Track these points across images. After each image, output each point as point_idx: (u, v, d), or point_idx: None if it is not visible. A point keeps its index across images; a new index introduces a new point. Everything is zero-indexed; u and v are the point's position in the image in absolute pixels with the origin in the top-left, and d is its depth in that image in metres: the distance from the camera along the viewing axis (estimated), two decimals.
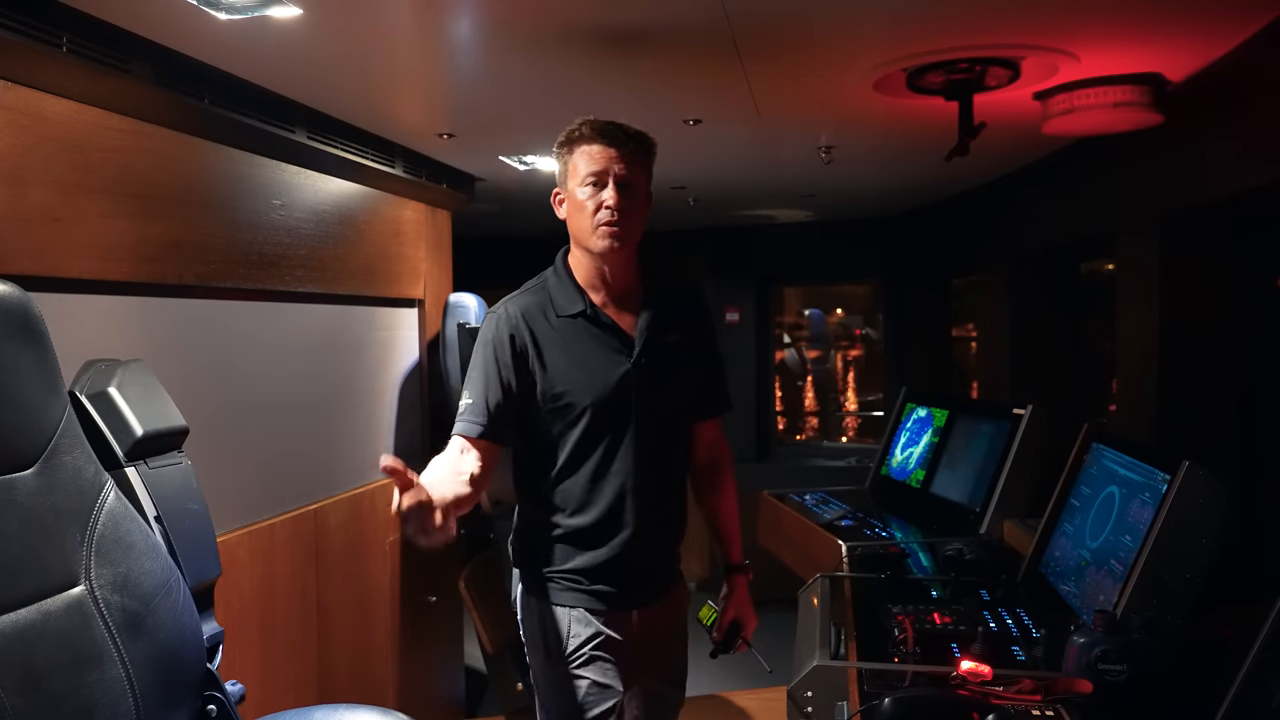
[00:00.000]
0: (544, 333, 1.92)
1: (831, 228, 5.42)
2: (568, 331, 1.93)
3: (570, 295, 1.94)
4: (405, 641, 3.19)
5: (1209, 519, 1.80)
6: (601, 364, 1.92)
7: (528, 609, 2.01)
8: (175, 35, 1.91)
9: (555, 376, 1.90)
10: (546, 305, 1.94)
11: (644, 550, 1.96)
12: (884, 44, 2.06)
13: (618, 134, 1.86)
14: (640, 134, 1.90)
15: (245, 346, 2.43)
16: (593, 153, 1.86)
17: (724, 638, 2.16)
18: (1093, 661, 1.65)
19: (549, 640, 1.95)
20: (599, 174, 1.85)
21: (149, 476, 1.64)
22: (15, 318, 1.39)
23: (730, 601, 2.16)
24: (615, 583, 1.94)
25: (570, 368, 1.90)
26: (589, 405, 1.89)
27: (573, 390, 1.89)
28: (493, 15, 1.87)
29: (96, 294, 1.94)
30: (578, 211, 1.89)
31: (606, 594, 1.94)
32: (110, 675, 1.38)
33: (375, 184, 3.03)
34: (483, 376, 1.90)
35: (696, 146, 3.07)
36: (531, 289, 1.99)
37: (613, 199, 1.84)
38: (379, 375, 3.18)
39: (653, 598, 2.02)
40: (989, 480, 3.02)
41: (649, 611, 2.00)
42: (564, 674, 1.94)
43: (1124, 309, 2.86)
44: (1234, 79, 2.13)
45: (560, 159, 1.93)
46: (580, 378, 1.90)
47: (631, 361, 1.92)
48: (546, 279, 1.99)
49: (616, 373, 1.91)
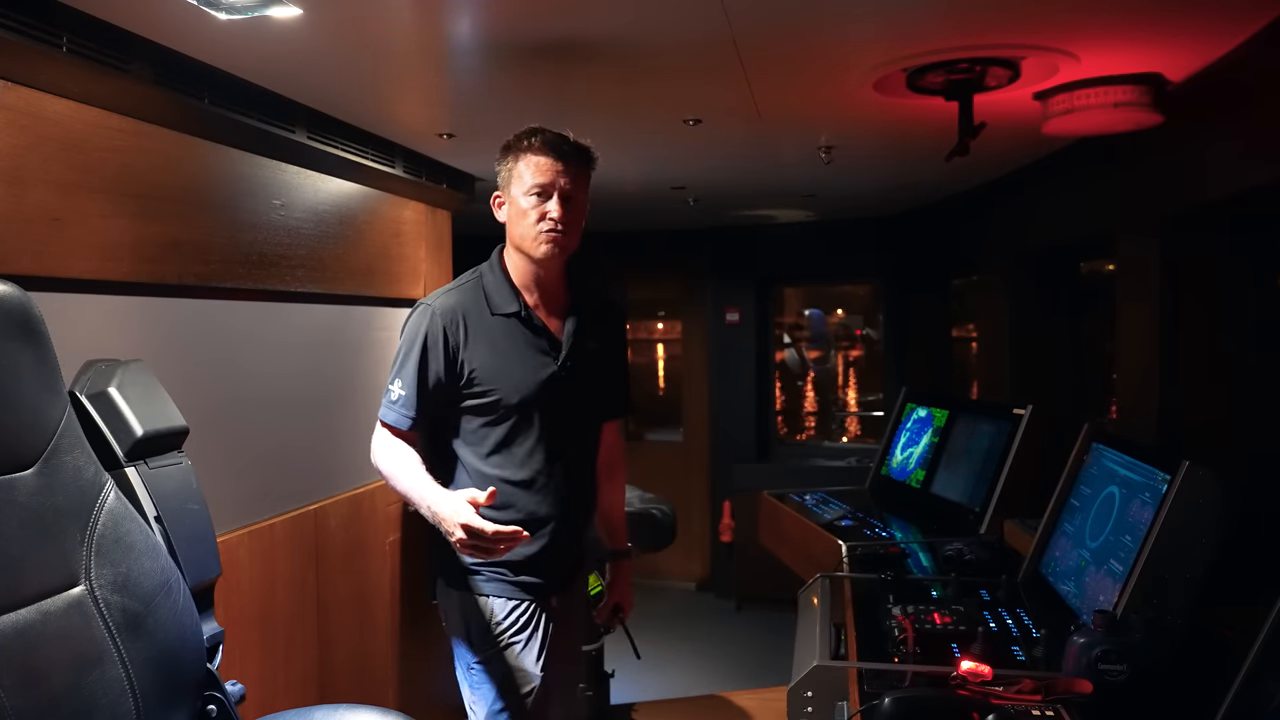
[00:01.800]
0: (477, 329, 2.00)
1: (831, 228, 5.42)
2: (500, 330, 2.02)
3: (506, 295, 2.04)
4: (405, 641, 3.19)
5: (1209, 519, 1.80)
6: (530, 364, 2.02)
7: (448, 600, 2.10)
8: (175, 35, 1.91)
9: (485, 373, 1.99)
10: (481, 302, 2.03)
11: (566, 542, 2.09)
12: (884, 44, 2.06)
13: (564, 147, 1.97)
14: (584, 148, 2.01)
15: (245, 346, 2.43)
16: (540, 164, 1.96)
17: (606, 619, 2.37)
18: (1093, 661, 1.65)
19: (472, 630, 2.05)
20: (544, 186, 1.96)
21: (149, 476, 1.64)
22: (15, 318, 1.39)
23: (615, 585, 2.36)
24: (539, 573, 2.05)
25: (500, 365, 2.00)
26: (515, 403, 1.99)
27: (501, 388, 1.99)
28: (493, 15, 1.87)
29: (96, 294, 1.94)
30: (520, 217, 1.99)
31: (531, 584, 2.04)
32: (110, 675, 1.38)
33: (375, 184, 3.03)
34: (415, 368, 1.99)
35: (696, 146, 3.07)
36: (466, 285, 2.07)
37: (558, 211, 1.96)
38: (379, 375, 3.16)
39: (568, 582, 2.16)
40: (989, 480, 3.02)
41: (565, 595, 2.14)
42: (483, 660, 2.04)
43: (1124, 309, 2.86)
44: (1234, 79, 2.13)
45: (504, 164, 2.03)
46: (509, 376, 2.00)
47: (558, 364, 2.03)
48: (481, 276, 2.08)
49: (543, 373, 2.02)
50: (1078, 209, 3.19)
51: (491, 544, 1.76)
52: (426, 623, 3.36)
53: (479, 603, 2.05)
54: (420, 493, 1.93)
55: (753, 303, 5.80)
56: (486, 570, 2.03)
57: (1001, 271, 3.97)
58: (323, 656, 2.68)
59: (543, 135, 1.98)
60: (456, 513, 1.78)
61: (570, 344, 2.06)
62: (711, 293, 5.87)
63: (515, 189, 1.99)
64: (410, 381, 2.00)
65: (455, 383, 2.00)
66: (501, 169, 2.04)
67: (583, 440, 2.17)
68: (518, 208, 1.99)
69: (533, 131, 1.99)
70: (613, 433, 2.31)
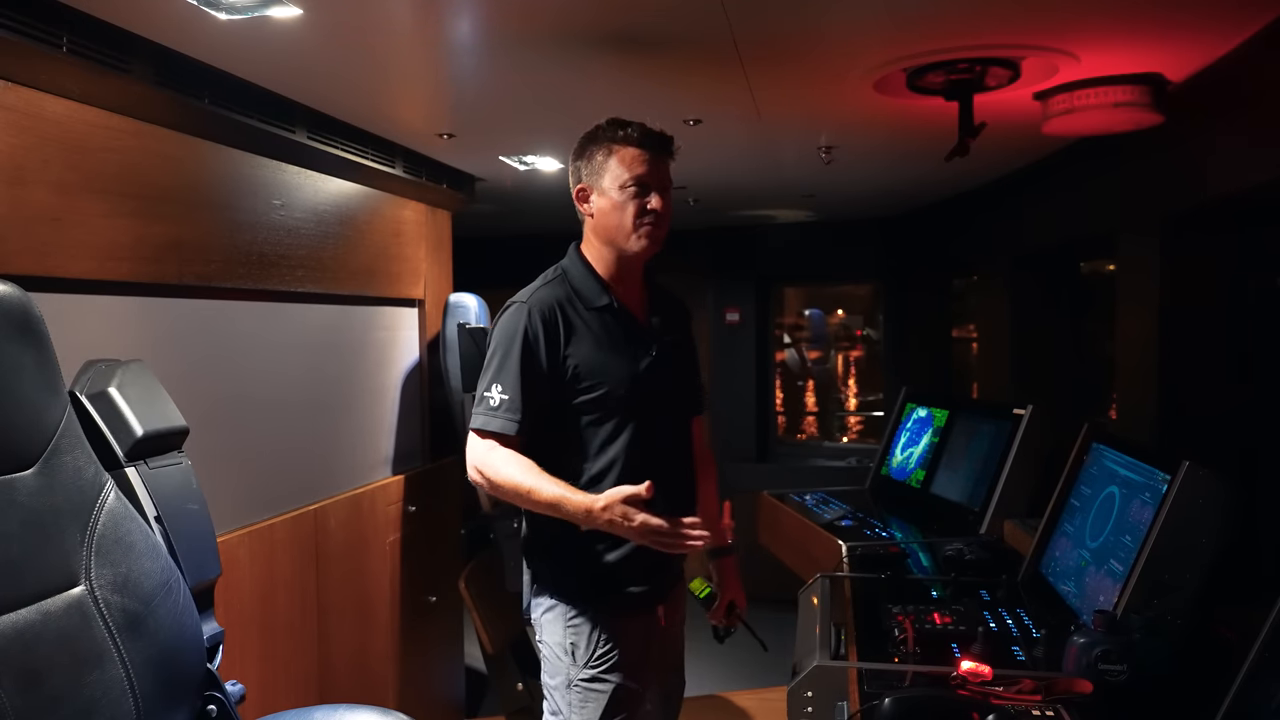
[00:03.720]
0: (575, 323, 1.94)
1: (831, 228, 5.42)
2: (595, 323, 1.96)
3: (595, 288, 1.98)
4: (405, 641, 3.19)
5: (1209, 519, 1.79)
6: (628, 356, 1.96)
7: (550, 613, 1.97)
8: (175, 35, 1.91)
9: (590, 367, 1.92)
10: (572, 297, 1.97)
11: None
12: (884, 44, 2.06)
13: (658, 141, 1.95)
14: (670, 139, 1.98)
15: (245, 346, 2.43)
16: (636, 156, 1.92)
17: (722, 619, 2.25)
18: (1093, 661, 1.65)
19: (578, 646, 1.93)
20: (644, 180, 1.92)
21: (149, 476, 1.64)
22: (15, 318, 1.39)
23: (725, 584, 2.24)
24: (644, 580, 1.96)
25: (602, 359, 1.93)
26: (621, 397, 1.93)
27: (607, 381, 1.92)
28: (493, 16, 1.87)
29: (96, 294, 1.94)
30: (615, 211, 1.94)
31: (635, 594, 1.95)
32: (110, 675, 1.38)
33: (375, 184, 3.03)
34: (517, 368, 1.89)
35: (696, 146, 3.06)
36: (551, 282, 2.00)
37: (658, 204, 1.93)
38: (379, 375, 3.18)
39: (672, 587, 2.07)
40: (989, 480, 3.02)
41: (670, 603, 2.05)
42: (589, 679, 1.93)
43: (1124, 309, 2.86)
44: (1234, 79, 2.13)
45: (590, 156, 1.96)
46: (613, 368, 1.94)
47: (652, 356, 1.98)
48: (565, 272, 2.01)
49: (640, 365, 1.97)
50: (1078, 209, 3.19)
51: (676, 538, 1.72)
52: (426, 623, 3.37)
53: (583, 614, 1.94)
54: (565, 497, 1.81)
55: (753, 303, 5.80)
56: (589, 579, 1.94)
57: (1001, 272, 3.97)
58: (323, 656, 2.68)
59: (635, 127, 1.94)
60: (627, 514, 1.74)
61: (658, 335, 2.03)
62: (711, 293, 5.86)
63: (609, 181, 1.93)
64: (513, 383, 1.88)
65: (560, 380, 1.91)
66: (586, 162, 1.97)
67: (682, 434, 2.11)
68: (612, 201, 1.93)
69: (621, 123, 1.94)
70: (700, 425, 2.23)
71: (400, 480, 3.21)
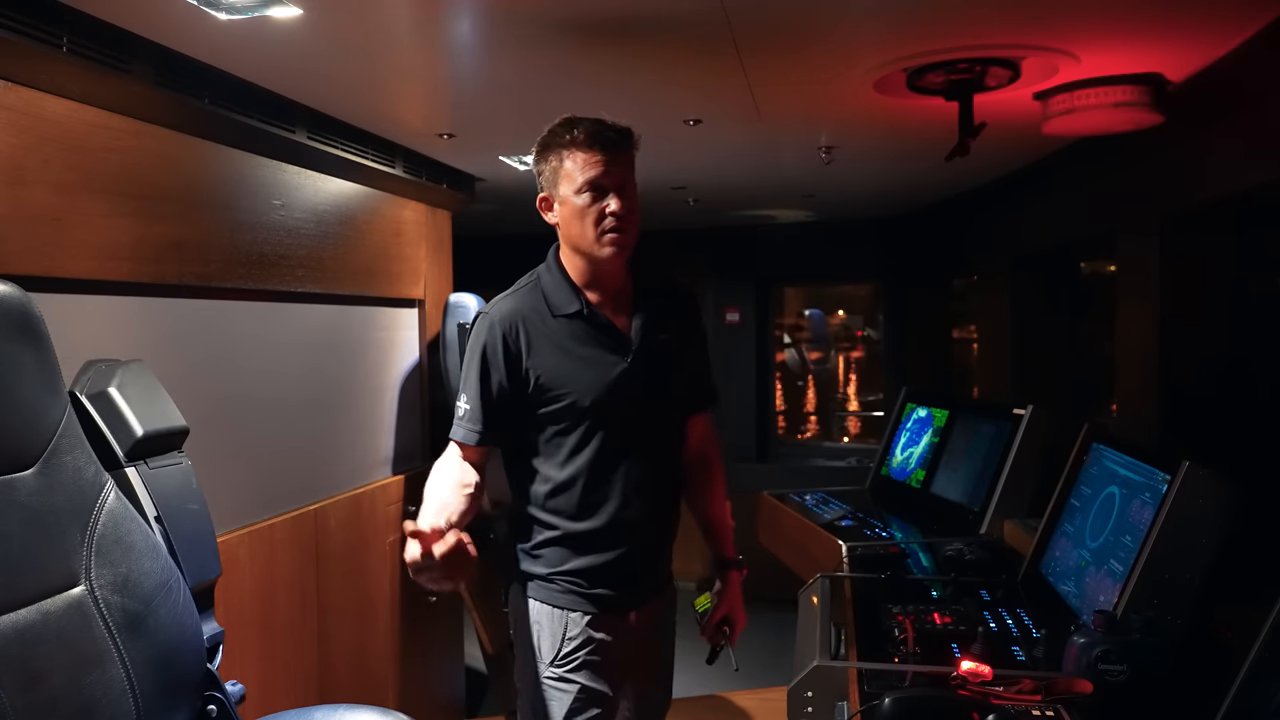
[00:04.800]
0: (539, 333, 1.90)
1: (831, 228, 5.42)
2: (564, 331, 1.91)
3: (566, 295, 1.92)
4: (405, 641, 3.19)
5: (1209, 519, 1.79)
6: (599, 363, 1.90)
7: (520, 610, 1.98)
8: (175, 35, 1.91)
9: (553, 377, 1.88)
10: (541, 305, 1.92)
11: (646, 550, 1.97)
12: (884, 44, 2.06)
13: (610, 137, 1.83)
14: (626, 131, 1.87)
15: (245, 346, 2.43)
16: (589, 159, 1.82)
17: (711, 636, 2.14)
18: (1093, 661, 1.65)
19: (542, 643, 1.93)
20: (599, 183, 1.83)
21: (149, 476, 1.64)
22: (15, 318, 1.39)
23: (723, 599, 2.14)
24: (616, 585, 1.93)
25: (568, 368, 1.89)
26: (589, 405, 1.88)
27: (572, 391, 1.88)
28: (493, 15, 1.87)
29: (96, 294, 1.94)
30: (576, 218, 1.85)
31: (607, 597, 1.93)
32: (110, 675, 1.38)
33: (375, 184, 3.03)
34: (477, 380, 1.89)
35: (696, 146, 3.07)
36: (523, 289, 1.96)
37: (617, 206, 1.83)
38: (379, 375, 3.18)
39: (649, 595, 2.01)
40: (989, 480, 3.02)
41: (645, 611, 2.00)
42: (556, 678, 1.92)
43: (1124, 309, 2.86)
44: (1234, 79, 2.13)
45: (545, 162, 1.88)
46: (579, 378, 1.88)
47: (628, 361, 1.91)
48: (539, 278, 1.96)
49: (614, 372, 1.90)
50: (1078, 209, 3.19)
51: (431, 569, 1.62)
52: (426, 623, 3.37)
53: (552, 614, 1.92)
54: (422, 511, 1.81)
55: (753, 303, 5.80)
56: (561, 580, 1.91)
57: (1002, 271, 3.97)
58: (323, 656, 2.69)
59: (583, 126, 1.83)
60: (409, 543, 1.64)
61: (640, 339, 1.93)
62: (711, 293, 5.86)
63: (565, 188, 1.85)
64: (474, 395, 1.89)
65: (523, 391, 1.88)
66: (543, 168, 1.89)
67: (663, 440, 2.01)
68: (571, 208, 1.85)
69: (571, 124, 1.84)
70: (703, 425, 2.12)
71: (400, 480, 3.22)
